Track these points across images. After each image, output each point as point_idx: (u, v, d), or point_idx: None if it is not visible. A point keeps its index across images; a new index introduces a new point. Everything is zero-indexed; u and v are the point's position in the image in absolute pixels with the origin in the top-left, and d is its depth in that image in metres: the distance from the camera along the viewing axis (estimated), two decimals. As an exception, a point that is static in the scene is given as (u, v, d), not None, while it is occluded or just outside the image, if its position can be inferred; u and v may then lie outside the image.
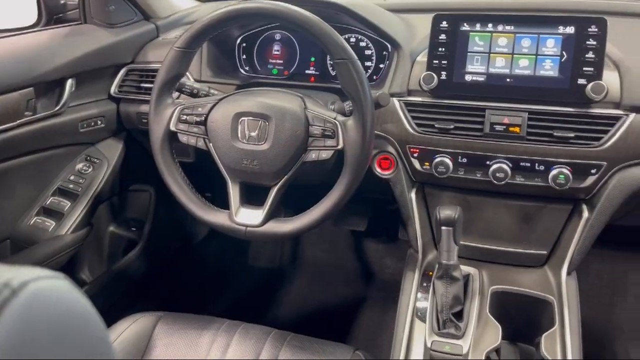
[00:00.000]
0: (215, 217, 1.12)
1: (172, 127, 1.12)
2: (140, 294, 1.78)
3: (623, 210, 1.22)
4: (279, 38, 1.43)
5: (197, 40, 1.08)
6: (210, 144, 1.11)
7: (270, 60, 1.44)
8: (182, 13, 1.64)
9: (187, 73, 1.32)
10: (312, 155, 1.07)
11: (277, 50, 1.44)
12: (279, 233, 1.09)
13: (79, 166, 1.45)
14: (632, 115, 1.06)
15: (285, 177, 1.09)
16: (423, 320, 1.09)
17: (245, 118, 1.07)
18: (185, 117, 1.11)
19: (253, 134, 1.07)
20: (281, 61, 1.43)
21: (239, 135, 1.08)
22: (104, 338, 0.40)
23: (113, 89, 1.46)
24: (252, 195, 1.15)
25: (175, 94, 1.27)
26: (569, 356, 1.00)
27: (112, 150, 1.52)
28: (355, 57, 1.01)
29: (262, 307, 1.94)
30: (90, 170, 1.45)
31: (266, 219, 1.09)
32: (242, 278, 2.06)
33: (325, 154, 1.06)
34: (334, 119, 1.05)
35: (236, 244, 2.09)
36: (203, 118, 1.10)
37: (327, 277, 2.07)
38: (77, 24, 1.46)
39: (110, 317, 1.17)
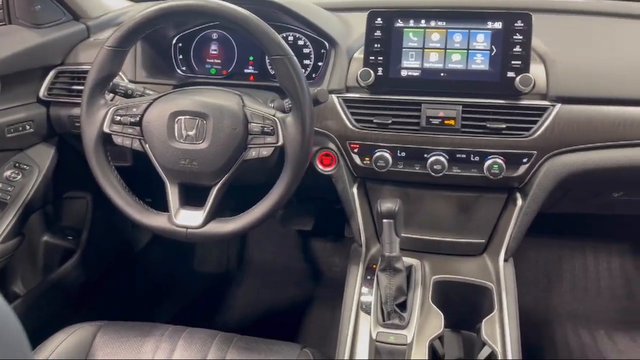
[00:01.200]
0: (154, 220, 1.09)
1: (106, 129, 1.08)
2: (80, 305, 1.71)
3: (554, 198, 1.28)
4: (216, 37, 1.41)
5: (128, 39, 1.05)
6: (146, 145, 1.09)
7: (208, 60, 1.42)
8: (114, 13, 1.59)
9: (121, 74, 1.29)
10: (252, 153, 1.06)
11: (215, 50, 1.42)
12: (221, 233, 1.07)
13: (7, 173, 1.38)
14: (558, 106, 1.11)
15: (226, 176, 1.07)
16: (368, 312, 1.10)
17: (182, 117, 1.05)
18: (119, 118, 1.08)
19: (190, 133, 1.05)
20: (219, 61, 1.42)
21: (176, 134, 1.05)
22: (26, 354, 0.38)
23: (42, 92, 1.40)
24: (193, 196, 1.13)
25: (110, 96, 1.23)
26: (508, 339, 1.04)
27: (43, 156, 1.45)
28: (292, 54, 1.01)
29: (209, 312, 1.91)
30: (19, 177, 1.38)
31: (207, 220, 1.07)
32: (188, 284, 2.02)
33: (266, 152, 1.05)
34: (273, 115, 1.05)
35: (181, 249, 2.05)
36: (138, 118, 1.07)
37: (275, 279, 2.07)
38: (0, 25, 1.39)
39: (48, 329, 1.12)
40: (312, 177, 1.25)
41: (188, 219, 1.08)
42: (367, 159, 1.19)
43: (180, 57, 1.41)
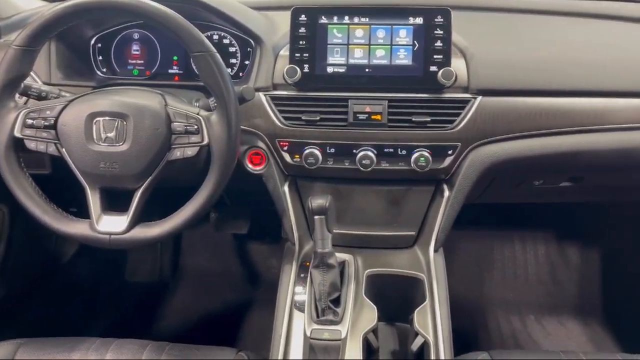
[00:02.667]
0: (74, 227, 1.03)
1: (17, 134, 1.02)
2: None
3: (480, 188, 1.32)
4: (138, 37, 1.36)
5: (37, 38, 0.99)
6: (63, 149, 1.03)
7: (130, 61, 1.37)
8: (27, 13, 1.50)
9: (34, 75, 1.22)
10: (177, 154, 1.03)
11: (137, 50, 1.37)
12: (147, 238, 1.03)
13: None
14: (479, 98, 1.15)
15: (150, 178, 1.03)
16: (302, 310, 1.09)
17: (100, 118, 1.01)
18: (31, 121, 1.02)
19: (110, 134, 1.01)
20: (142, 61, 1.37)
21: (94, 137, 1.01)
22: None
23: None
24: (116, 201, 1.08)
25: (24, 99, 1.16)
26: (439, 327, 1.06)
27: None
28: (214, 50, 0.99)
29: (143, 323, 1.84)
30: None
31: (131, 225, 1.03)
32: (119, 295, 1.94)
33: (191, 151, 1.02)
34: (197, 114, 1.02)
35: (111, 259, 1.97)
36: (52, 121, 1.02)
37: (212, 284, 2.02)
38: None
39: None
40: (243, 178, 1.23)
41: (111, 224, 1.03)
42: (297, 156, 1.18)
43: (100, 58, 1.36)
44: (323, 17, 1.16)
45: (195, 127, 1.01)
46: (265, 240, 2.05)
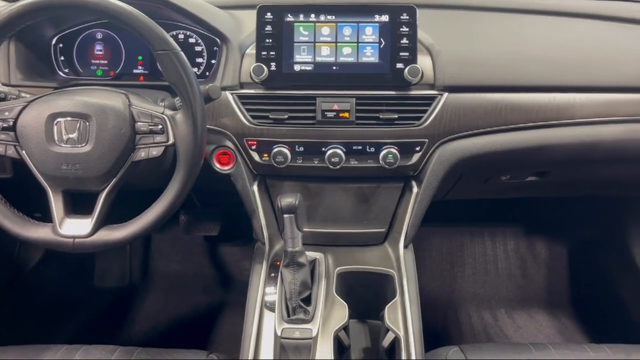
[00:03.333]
0: (36, 231, 1.01)
1: None
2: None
3: (448, 185, 1.33)
4: (101, 37, 1.34)
5: None
6: (23, 151, 1.00)
7: (93, 61, 1.34)
8: (-16, 13, 1.45)
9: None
10: (142, 154, 1.01)
11: (100, 50, 1.34)
12: (112, 241, 1.01)
13: None
14: (445, 95, 1.16)
15: (114, 179, 1.01)
16: (273, 310, 1.08)
17: (62, 119, 0.98)
18: None
19: (72, 135, 0.99)
20: (105, 61, 1.34)
21: (56, 138, 0.98)
22: None
23: None
24: (80, 204, 1.05)
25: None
26: (410, 322, 1.06)
27: None
28: (178, 48, 0.98)
29: (112, 329, 1.81)
30: None
31: (96, 228, 1.00)
32: (88, 301, 1.90)
33: (156, 151, 1.01)
34: (162, 113, 1.01)
35: (80, 265, 1.93)
36: (11, 123, 0.99)
37: (183, 288, 1.99)
38: None
39: None
40: (211, 178, 1.22)
41: (74, 228, 1.01)
42: (265, 155, 1.17)
43: (62, 58, 1.32)
44: (289, 15, 1.15)
45: (160, 126, 1.00)
46: (237, 241, 2.03)
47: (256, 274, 1.17)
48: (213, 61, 1.30)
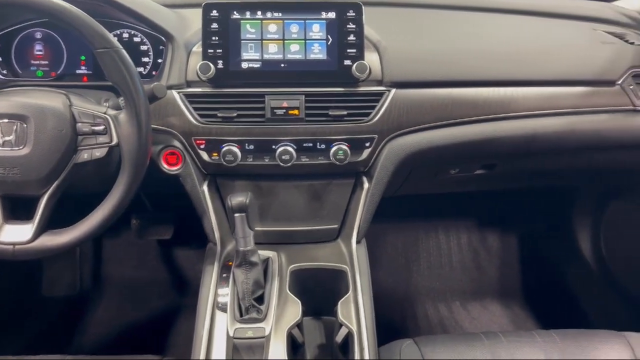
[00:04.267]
0: None
1: None
2: None
3: (399, 180, 1.35)
4: (41, 37, 1.29)
5: None
6: None
7: (33, 62, 1.29)
8: None
9: None
10: (84, 156, 0.98)
11: (40, 50, 1.29)
12: (55, 246, 0.97)
13: None
14: (393, 91, 1.17)
15: (56, 183, 0.98)
16: (225, 311, 1.06)
17: None
18: None
19: (8, 138, 0.95)
20: (46, 62, 1.29)
21: None
22: None
23: None
24: (22, 209, 1.01)
25: None
26: (362, 316, 1.07)
27: None
28: (119, 46, 0.95)
29: (63, 339, 1.75)
30: None
31: (37, 233, 0.97)
32: (36, 311, 1.82)
33: (99, 152, 0.98)
34: (104, 113, 0.98)
35: (28, 274, 1.85)
36: None
37: (138, 294, 1.95)
38: None
39: None
40: (160, 180, 1.19)
41: (14, 234, 0.97)
42: (215, 154, 1.16)
43: (0, 59, 1.27)
44: (235, 12, 1.14)
45: (103, 127, 0.97)
46: (192, 244, 2.00)
47: (207, 275, 1.15)
48: (159, 60, 1.28)
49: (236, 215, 1.03)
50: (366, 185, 1.23)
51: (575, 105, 1.28)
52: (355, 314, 1.08)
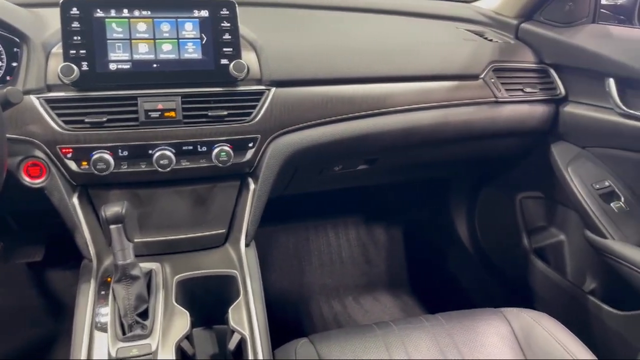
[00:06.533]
0: None
1: None
2: None
3: (285, 179, 1.34)
4: None
5: None
6: None
7: None
8: None
9: None
10: None
11: None
12: None
13: None
14: (273, 89, 1.16)
15: None
16: (105, 330, 0.98)
17: None
18: None
19: None
20: None
21: None
22: None
23: None
24: None
25: None
26: (255, 320, 1.04)
27: None
28: None
29: None
30: None
31: None
32: None
33: None
34: None
35: None
36: None
37: (7, 324, 1.75)
38: None
39: None
40: (23, 196, 1.08)
41: None
42: (84, 163, 1.06)
43: None
44: (98, 10, 1.06)
45: (-55, 138, 0.85)
46: (67, 264, 1.84)
47: (83, 295, 1.06)
48: (14, 63, 1.15)
49: (112, 227, 0.96)
50: (252, 186, 1.20)
51: (446, 98, 1.35)
52: (247, 318, 1.05)
